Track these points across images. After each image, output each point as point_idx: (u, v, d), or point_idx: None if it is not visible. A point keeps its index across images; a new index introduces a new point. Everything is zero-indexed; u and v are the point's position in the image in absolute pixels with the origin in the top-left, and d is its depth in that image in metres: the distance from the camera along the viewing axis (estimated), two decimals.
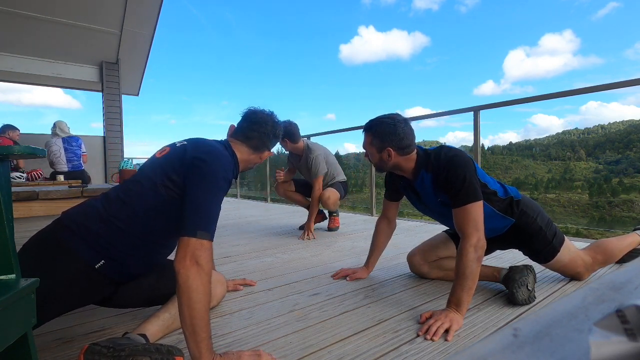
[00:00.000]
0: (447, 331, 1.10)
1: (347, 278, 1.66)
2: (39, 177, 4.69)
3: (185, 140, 1.14)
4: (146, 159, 1.20)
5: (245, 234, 2.87)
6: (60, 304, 0.97)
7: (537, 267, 1.60)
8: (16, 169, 4.65)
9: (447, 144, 1.51)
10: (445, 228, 1.69)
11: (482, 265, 1.27)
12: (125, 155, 6.35)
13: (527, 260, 1.60)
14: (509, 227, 1.44)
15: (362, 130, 1.44)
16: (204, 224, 0.90)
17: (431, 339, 1.07)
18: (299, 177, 3.03)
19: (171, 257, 1.00)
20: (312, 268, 1.88)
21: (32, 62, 5.67)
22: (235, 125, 1.26)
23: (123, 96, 6.31)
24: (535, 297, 1.34)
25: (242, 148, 1.21)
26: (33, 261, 0.92)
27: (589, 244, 1.65)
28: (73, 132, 4.90)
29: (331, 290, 1.54)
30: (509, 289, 1.34)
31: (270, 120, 1.24)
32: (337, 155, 3.29)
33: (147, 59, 6.20)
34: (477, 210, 1.23)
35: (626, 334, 0.22)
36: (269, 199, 5.74)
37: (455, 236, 1.60)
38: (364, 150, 1.46)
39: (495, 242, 1.50)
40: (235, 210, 4.58)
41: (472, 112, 2.92)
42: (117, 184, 2.45)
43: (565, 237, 1.49)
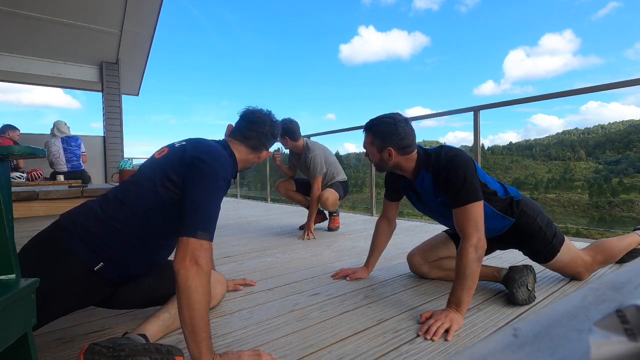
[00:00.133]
0: (447, 331, 1.10)
1: (347, 278, 1.66)
2: (39, 177, 4.69)
3: (184, 140, 1.13)
4: (146, 159, 1.20)
5: (245, 234, 2.87)
6: (60, 306, 0.96)
7: (537, 267, 1.60)
8: (16, 169, 4.65)
9: (447, 144, 1.51)
10: (445, 228, 1.69)
11: (482, 265, 1.27)
12: (125, 155, 6.35)
13: (527, 260, 1.60)
14: (509, 227, 1.44)
15: (362, 130, 1.44)
16: (204, 224, 0.90)
17: (431, 339, 1.07)
18: (300, 176, 3.02)
19: (171, 257, 1.00)
20: (312, 268, 1.88)
21: (32, 62, 5.67)
22: (234, 125, 1.26)
23: (123, 96, 6.31)
24: (535, 297, 1.34)
25: (240, 148, 1.21)
26: (32, 263, 0.92)
27: (589, 244, 1.65)
28: (73, 132, 4.89)
29: (331, 290, 1.54)
30: (509, 289, 1.34)
31: (268, 119, 1.24)
32: (337, 155, 3.28)
33: (147, 59, 6.20)
34: (477, 210, 1.23)
35: (626, 334, 0.22)
36: (269, 199, 5.74)
37: (455, 236, 1.60)
38: (365, 150, 1.46)
39: (495, 242, 1.50)
40: (235, 210, 4.58)
41: (472, 112, 2.92)
42: (117, 184, 2.45)
43: (565, 237, 1.49)
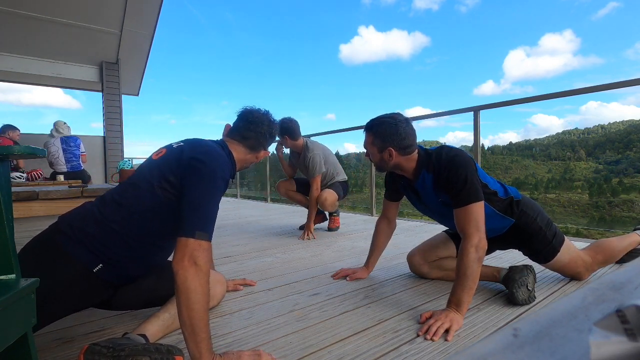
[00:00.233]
0: (447, 331, 1.10)
1: (347, 278, 1.66)
2: (39, 177, 4.69)
3: (181, 141, 1.13)
4: (144, 160, 1.19)
5: (245, 234, 2.87)
6: (59, 307, 0.96)
7: (537, 267, 1.60)
8: (16, 169, 4.65)
9: (447, 144, 1.51)
10: (445, 228, 1.69)
11: (482, 265, 1.27)
12: (125, 155, 6.35)
13: (527, 260, 1.60)
14: (509, 227, 1.44)
15: (363, 130, 1.44)
16: (202, 224, 0.90)
17: (431, 339, 1.07)
18: (300, 176, 3.02)
19: (169, 258, 1.00)
20: (312, 268, 1.88)
21: (32, 62, 5.67)
22: (231, 125, 1.25)
23: (123, 96, 6.31)
24: (535, 297, 1.34)
25: (238, 148, 1.20)
26: (31, 265, 0.92)
27: (589, 244, 1.65)
28: (73, 133, 4.89)
29: (331, 290, 1.54)
30: (509, 289, 1.34)
31: (266, 119, 1.24)
32: (337, 155, 3.28)
33: (147, 59, 6.20)
34: (478, 210, 1.23)
35: (626, 334, 0.22)
36: (269, 199, 5.74)
37: (455, 236, 1.60)
38: (365, 150, 1.46)
39: (495, 242, 1.50)
40: (235, 210, 4.58)
41: (472, 112, 2.92)
42: (117, 184, 2.45)
43: (565, 237, 1.49)
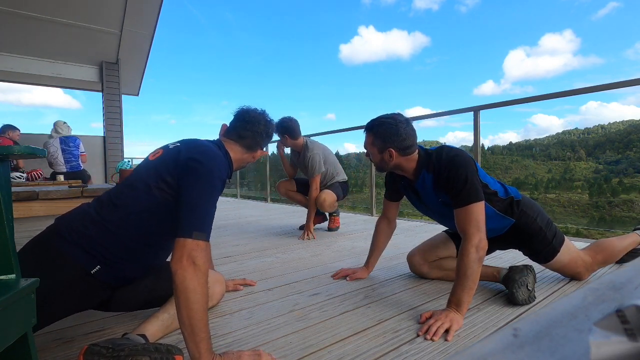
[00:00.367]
0: (447, 331, 1.10)
1: (347, 278, 1.66)
2: (39, 177, 4.69)
3: (178, 141, 1.13)
4: (141, 161, 1.19)
5: (245, 234, 2.87)
6: (57, 310, 0.96)
7: (537, 267, 1.60)
8: (16, 169, 4.65)
9: (448, 144, 1.51)
10: (445, 228, 1.69)
11: (482, 265, 1.27)
12: (125, 155, 6.35)
13: (527, 260, 1.60)
14: (509, 227, 1.44)
15: (363, 130, 1.44)
16: (200, 224, 0.90)
17: (431, 339, 1.07)
18: (301, 176, 3.02)
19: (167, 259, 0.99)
20: (312, 268, 1.88)
21: (32, 62, 5.67)
22: (228, 125, 1.26)
23: (123, 96, 6.31)
24: (535, 297, 1.34)
25: (235, 147, 1.20)
26: (29, 267, 0.91)
27: (589, 244, 1.65)
28: (73, 133, 4.89)
29: (331, 290, 1.54)
30: (509, 289, 1.34)
31: (262, 119, 1.24)
32: (337, 155, 3.27)
33: (147, 59, 6.20)
34: (478, 210, 1.23)
35: (626, 334, 0.22)
36: (269, 199, 5.74)
37: (455, 236, 1.60)
38: (365, 150, 1.46)
39: (495, 243, 1.50)
40: (235, 210, 4.58)
41: (472, 112, 2.92)
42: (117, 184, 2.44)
43: (565, 237, 1.49)
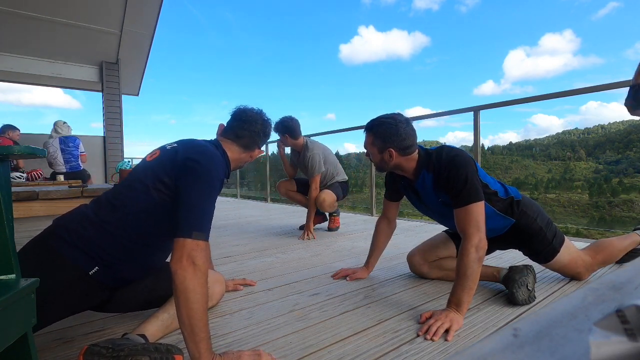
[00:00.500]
0: (447, 331, 1.10)
1: (347, 278, 1.66)
2: (39, 177, 4.69)
3: (175, 142, 1.13)
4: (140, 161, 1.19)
5: (245, 234, 2.87)
6: (56, 311, 0.96)
7: (537, 267, 1.60)
8: (16, 169, 4.65)
9: (447, 144, 1.51)
10: (445, 228, 1.69)
11: (482, 265, 1.27)
12: (125, 155, 6.35)
13: (527, 260, 1.60)
14: (509, 227, 1.44)
15: (363, 130, 1.44)
16: (199, 224, 0.90)
17: (431, 339, 1.07)
18: (301, 176, 3.02)
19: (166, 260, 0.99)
20: (312, 268, 1.88)
21: (32, 62, 5.67)
22: (225, 124, 1.26)
23: (123, 96, 6.32)
24: (535, 297, 1.34)
25: (232, 147, 1.20)
26: (28, 268, 0.91)
27: (589, 244, 1.65)
28: (73, 132, 4.89)
29: (331, 290, 1.54)
30: (509, 289, 1.34)
31: (260, 118, 1.24)
32: (337, 155, 3.27)
33: (147, 59, 6.20)
34: (478, 210, 1.23)
35: (626, 334, 0.22)
36: (269, 199, 5.74)
37: (455, 236, 1.60)
38: (365, 150, 1.46)
39: (495, 242, 1.50)
40: (235, 210, 4.58)
41: (472, 112, 2.92)
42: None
43: (565, 237, 1.49)
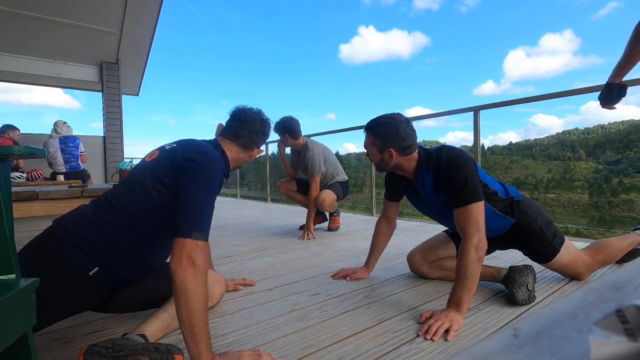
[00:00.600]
0: (447, 331, 1.10)
1: (347, 278, 1.66)
2: (39, 177, 4.69)
3: (174, 142, 1.13)
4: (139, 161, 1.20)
5: (245, 234, 2.87)
6: (57, 310, 0.96)
7: (537, 267, 1.60)
8: (16, 169, 4.65)
9: (447, 144, 1.52)
10: (445, 228, 1.69)
11: (482, 265, 1.27)
12: (125, 155, 6.35)
13: (527, 260, 1.60)
14: (509, 227, 1.44)
15: (363, 130, 1.44)
16: (198, 224, 0.90)
17: (431, 339, 1.07)
18: (301, 176, 3.02)
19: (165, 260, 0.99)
20: (312, 268, 1.88)
21: (32, 62, 5.67)
22: (224, 124, 1.26)
23: (123, 96, 6.31)
24: (535, 297, 1.34)
25: (231, 147, 1.21)
26: (30, 267, 0.91)
27: (589, 244, 1.65)
28: (73, 132, 4.89)
29: (331, 290, 1.54)
30: (509, 289, 1.34)
31: (258, 118, 1.24)
32: (337, 155, 3.28)
33: (147, 59, 6.20)
34: (478, 210, 1.23)
35: (626, 334, 0.22)
36: (269, 199, 5.74)
37: (455, 236, 1.60)
38: (365, 150, 1.46)
39: (495, 242, 1.50)
40: (235, 210, 4.58)
41: (472, 112, 2.92)
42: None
43: (565, 237, 1.49)
